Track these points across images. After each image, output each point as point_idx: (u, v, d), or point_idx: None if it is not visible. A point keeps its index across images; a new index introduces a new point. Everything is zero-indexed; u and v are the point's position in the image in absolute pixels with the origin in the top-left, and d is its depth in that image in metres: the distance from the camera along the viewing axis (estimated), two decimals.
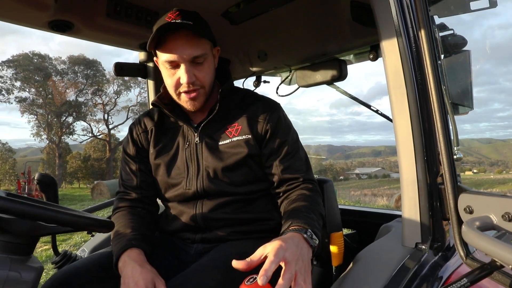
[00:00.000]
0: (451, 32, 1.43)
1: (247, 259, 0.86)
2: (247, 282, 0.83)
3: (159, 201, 1.40)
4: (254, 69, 2.17)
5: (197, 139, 1.26)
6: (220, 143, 1.24)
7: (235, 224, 1.23)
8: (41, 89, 33.93)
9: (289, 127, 1.28)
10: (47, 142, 37.02)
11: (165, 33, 1.12)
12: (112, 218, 1.28)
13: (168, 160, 1.30)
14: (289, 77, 2.17)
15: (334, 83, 1.96)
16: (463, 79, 1.38)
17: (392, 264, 0.94)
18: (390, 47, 1.02)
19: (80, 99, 37.09)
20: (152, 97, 2.07)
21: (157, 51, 1.18)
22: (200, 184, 1.23)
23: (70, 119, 37.30)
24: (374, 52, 1.69)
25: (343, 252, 1.31)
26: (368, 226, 1.67)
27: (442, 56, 1.20)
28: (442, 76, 1.01)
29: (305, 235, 0.94)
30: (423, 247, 0.98)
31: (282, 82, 2.21)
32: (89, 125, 38.81)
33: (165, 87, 1.30)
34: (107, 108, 38.40)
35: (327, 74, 1.85)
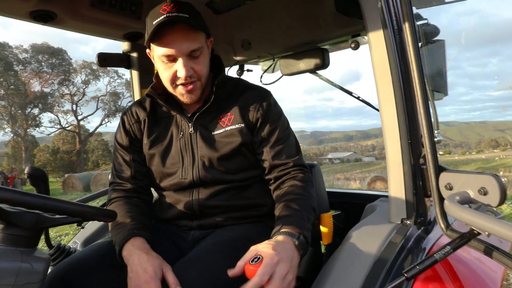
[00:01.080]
0: (425, 21, 1.53)
1: (237, 266, 0.92)
2: (251, 262, 0.90)
3: (152, 190, 1.43)
4: (238, 58, 2.20)
5: (191, 129, 1.28)
6: (214, 132, 1.27)
7: (230, 210, 1.28)
8: (1, 79, 32.11)
9: (279, 114, 1.31)
10: (12, 135, 35.35)
11: (162, 27, 1.12)
12: (108, 208, 1.30)
13: (162, 150, 1.31)
14: (272, 66, 2.22)
15: (317, 71, 2.03)
16: (439, 67, 1.48)
17: (381, 239, 1.03)
18: (377, 38, 1.09)
19: (46, 90, 35.48)
20: (136, 88, 2.07)
21: (152, 44, 1.18)
22: (196, 173, 1.26)
23: (36, 111, 35.69)
24: (356, 42, 1.77)
25: (332, 232, 1.40)
26: (352, 207, 1.78)
27: (420, 45, 1.29)
28: (423, 65, 1.10)
29: (296, 242, 0.98)
30: (408, 222, 1.08)
31: (265, 70, 2.25)
32: (57, 116, 37.37)
33: (157, 77, 1.31)
34: (75, 98, 36.99)
35: (311, 62, 1.91)
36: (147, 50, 1.25)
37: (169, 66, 1.18)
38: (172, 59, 1.17)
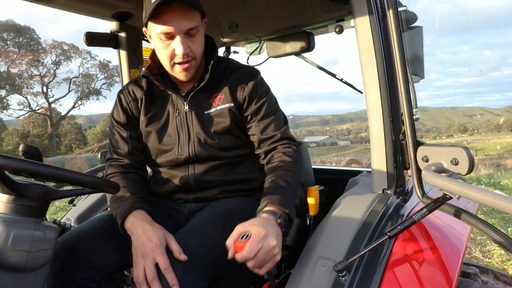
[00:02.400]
0: (404, 8, 1.63)
1: (228, 244, 1.00)
2: (241, 239, 0.97)
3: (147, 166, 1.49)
4: (225, 40, 2.24)
5: (186, 107, 1.34)
6: (206, 111, 1.33)
7: (224, 184, 1.36)
8: None
9: (266, 92, 1.36)
10: None
11: (160, 5, 1.14)
12: None
13: (159, 127, 1.36)
14: (259, 48, 2.28)
15: (302, 54, 2.11)
16: (417, 52, 1.60)
17: (365, 207, 1.15)
18: (363, 24, 1.18)
19: (13, 70, 33.80)
20: (124, 68, 2.08)
21: (150, 23, 1.21)
22: (192, 149, 1.32)
23: (2, 92, 34.04)
24: (340, 26, 1.86)
25: (318, 203, 1.51)
26: (335, 182, 1.90)
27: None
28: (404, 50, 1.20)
29: (278, 221, 1.04)
30: (389, 192, 1.20)
31: (252, 52, 2.31)
32: (26, 98, 35.77)
33: (152, 58, 1.35)
34: (46, 80, 35.47)
35: (296, 45, 1.99)
36: (144, 29, 1.28)
37: (167, 44, 1.22)
38: (170, 36, 1.20)
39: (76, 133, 39.87)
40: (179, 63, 1.25)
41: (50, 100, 36.59)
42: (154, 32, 1.21)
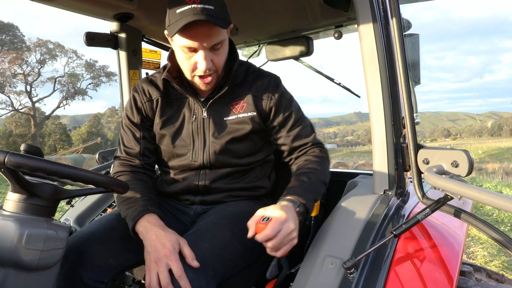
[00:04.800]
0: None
1: (249, 225, 1.03)
2: (262, 220, 1.01)
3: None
4: None
5: (205, 114, 1.31)
6: (226, 118, 1.31)
7: (232, 190, 1.37)
8: None
9: (291, 99, 1.36)
10: None
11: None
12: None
13: (174, 131, 1.34)
14: (258, 51, 2.31)
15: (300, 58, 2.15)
16: (414, 59, 1.65)
17: (368, 207, 1.19)
18: (367, 31, 1.22)
19: None
20: (124, 69, 2.08)
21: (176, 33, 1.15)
22: (207, 157, 1.31)
23: None
24: (339, 32, 1.90)
25: (320, 204, 1.55)
26: (333, 184, 1.94)
27: None
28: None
29: (297, 209, 1.07)
30: (390, 193, 1.24)
31: (250, 56, 2.34)
32: (9, 97, 34.94)
33: (171, 60, 1.32)
34: (30, 79, 34.73)
35: (296, 49, 2.03)
36: (165, 32, 1.21)
37: (189, 56, 1.19)
38: (193, 50, 1.17)
39: (61, 133, 39.17)
40: (200, 76, 1.23)
41: (34, 99, 35.87)
42: (177, 43, 1.18)
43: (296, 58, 2.09)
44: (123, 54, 2.06)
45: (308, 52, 2.01)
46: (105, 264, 1.15)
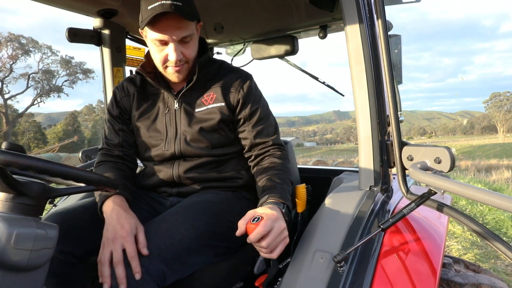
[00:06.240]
0: None
1: (240, 225, 1.03)
2: (252, 221, 1.02)
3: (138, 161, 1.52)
4: (209, 40, 2.27)
5: (176, 105, 1.38)
6: (197, 110, 1.37)
7: (207, 181, 1.40)
8: None
9: (259, 96, 1.43)
10: None
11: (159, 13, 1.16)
12: (95, 170, 1.39)
13: (149, 123, 1.41)
14: (242, 50, 2.32)
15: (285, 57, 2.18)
16: (397, 58, 1.71)
17: (355, 203, 1.23)
18: (353, 32, 1.25)
19: None
20: (107, 66, 2.05)
21: (146, 28, 1.24)
22: (178, 146, 1.37)
23: None
24: (324, 32, 1.94)
25: (306, 201, 1.58)
26: (318, 181, 1.98)
27: None
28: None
29: (283, 210, 1.11)
30: (376, 189, 1.28)
31: (235, 54, 2.35)
32: None
33: (147, 57, 1.39)
34: (1, 75, 33.42)
35: (281, 48, 2.05)
36: (140, 29, 1.30)
37: (161, 49, 1.27)
38: (164, 43, 1.25)
39: (35, 131, 37.89)
40: (172, 67, 1.30)
41: (6, 96, 34.54)
42: (149, 37, 1.27)
43: (281, 56, 2.11)
44: (106, 51, 2.03)
45: (293, 51, 2.03)
46: (77, 238, 1.18)
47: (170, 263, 1.09)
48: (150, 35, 1.25)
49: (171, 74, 1.33)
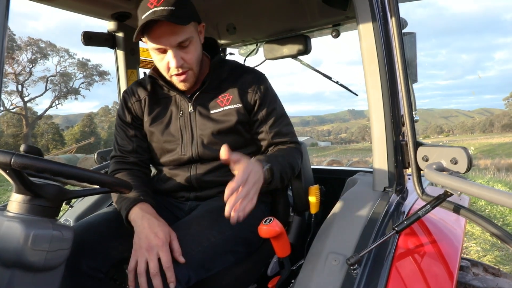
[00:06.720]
0: None
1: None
2: (264, 222, 1.03)
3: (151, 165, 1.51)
4: (222, 41, 2.27)
5: (190, 108, 1.37)
6: (212, 111, 1.36)
7: (224, 184, 1.40)
8: None
9: (275, 96, 1.43)
10: None
11: (149, 23, 1.16)
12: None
13: (162, 127, 1.40)
14: (255, 50, 2.32)
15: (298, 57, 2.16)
16: (411, 57, 1.67)
17: (369, 205, 1.21)
18: (366, 30, 1.23)
19: None
20: (122, 68, 2.08)
21: (145, 37, 1.24)
22: (195, 150, 1.36)
23: None
24: (337, 31, 1.92)
25: (319, 201, 1.57)
26: (331, 182, 1.96)
27: None
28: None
29: (264, 167, 1.12)
30: (390, 190, 1.26)
31: (248, 55, 2.35)
32: None
33: None
34: (21, 78, 34.34)
35: (294, 48, 2.04)
36: (143, 39, 1.29)
37: (162, 57, 1.26)
38: (162, 51, 1.24)
39: (53, 133, 38.85)
40: (176, 75, 1.28)
41: (26, 99, 35.49)
42: (148, 46, 1.27)
43: (294, 56, 2.10)
44: (120, 54, 2.06)
45: (306, 50, 2.02)
46: (103, 253, 1.18)
47: (196, 268, 1.10)
48: (148, 44, 1.25)
49: (177, 83, 1.32)
